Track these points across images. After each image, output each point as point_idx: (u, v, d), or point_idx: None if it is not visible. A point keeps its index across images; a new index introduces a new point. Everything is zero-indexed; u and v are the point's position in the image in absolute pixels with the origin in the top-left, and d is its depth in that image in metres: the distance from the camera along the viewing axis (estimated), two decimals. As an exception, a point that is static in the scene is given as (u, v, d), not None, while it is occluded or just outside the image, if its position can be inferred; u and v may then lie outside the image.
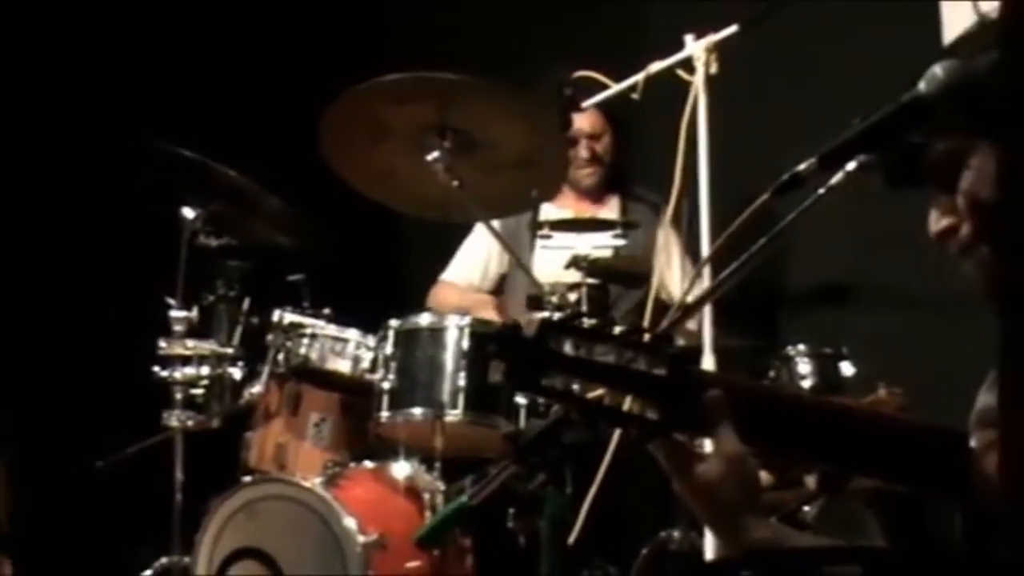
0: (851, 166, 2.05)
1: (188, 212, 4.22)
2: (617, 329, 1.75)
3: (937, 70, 1.92)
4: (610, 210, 4.81)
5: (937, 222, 1.82)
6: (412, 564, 3.82)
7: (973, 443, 1.75)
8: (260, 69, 5.13)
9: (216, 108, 4.84)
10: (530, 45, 5.27)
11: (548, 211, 4.73)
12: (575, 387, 1.75)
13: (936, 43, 4.51)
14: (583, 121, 4.66)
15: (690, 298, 3.42)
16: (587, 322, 1.75)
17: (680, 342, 1.76)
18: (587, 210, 4.80)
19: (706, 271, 3.15)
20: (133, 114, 4.64)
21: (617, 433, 3.57)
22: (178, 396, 4.13)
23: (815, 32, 4.83)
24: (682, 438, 1.75)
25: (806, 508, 3.64)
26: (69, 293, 4.73)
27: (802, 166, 2.10)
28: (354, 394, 4.15)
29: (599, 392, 1.75)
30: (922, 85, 1.92)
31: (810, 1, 4.78)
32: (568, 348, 1.75)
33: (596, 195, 4.87)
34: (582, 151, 4.76)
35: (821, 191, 2.11)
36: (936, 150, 1.81)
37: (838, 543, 1.79)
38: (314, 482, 3.84)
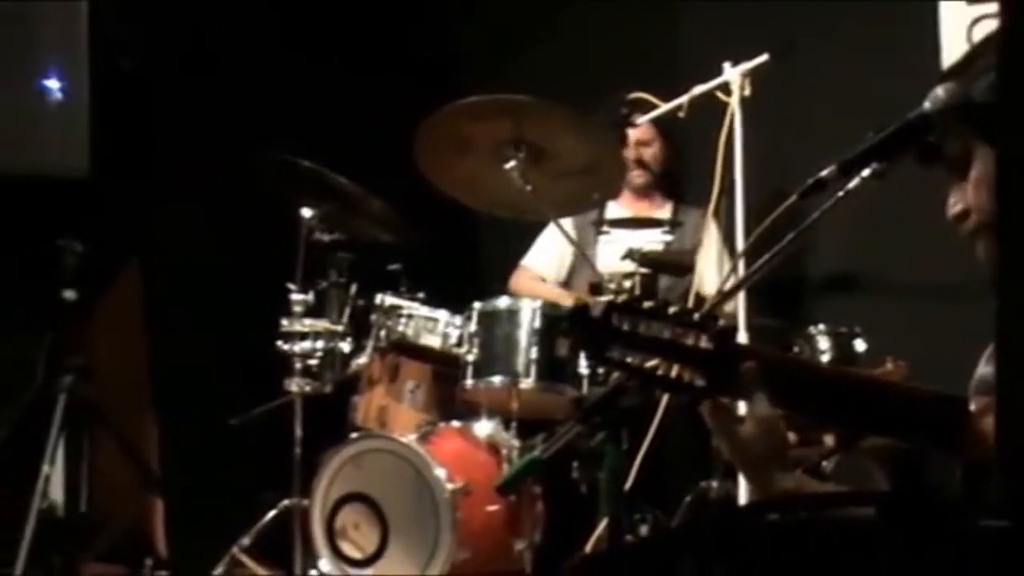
0: (866, 172, 2.03)
1: (306, 212, 4.25)
2: (671, 309, 1.75)
3: (939, 91, 1.91)
4: (664, 212, 4.78)
5: (953, 206, 1.81)
6: (492, 508, 3.82)
7: (972, 407, 1.74)
8: (367, 96, 5.14)
9: (332, 129, 4.87)
10: (587, 70, 5.25)
11: (611, 210, 4.71)
12: (633, 359, 1.76)
13: (936, 68, 4.47)
14: (636, 130, 4.65)
15: (728, 285, 3.41)
16: (645, 303, 1.75)
17: (721, 322, 1.75)
18: (644, 210, 4.76)
19: (741, 262, 3.14)
20: (267, 134, 4.68)
21: (665, 399, 3.57)
22: (297, 366, 4.16)
23: (833, 59, 4.78)
24: (725, 401, 1.76)
25: (825, 463, 3.61)
26: (212, 280, 4.76)
27: (824, 172, 2.09)
28: (443, 365, 4.15)
29: (653, 363, 1.76)
30: (927, 103, 1.90)
31: (830, 34, 4.77)
32: (628, 325, 1.75)
33: (651, 197, 4.82)
34: (631, 155, 4.73)
35: (840, 194, 2.09)
36: (950, 143, 1.80)
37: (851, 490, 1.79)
38: (410, 438, 3.85)
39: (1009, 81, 0.99)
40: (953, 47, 4.52)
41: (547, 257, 4.79)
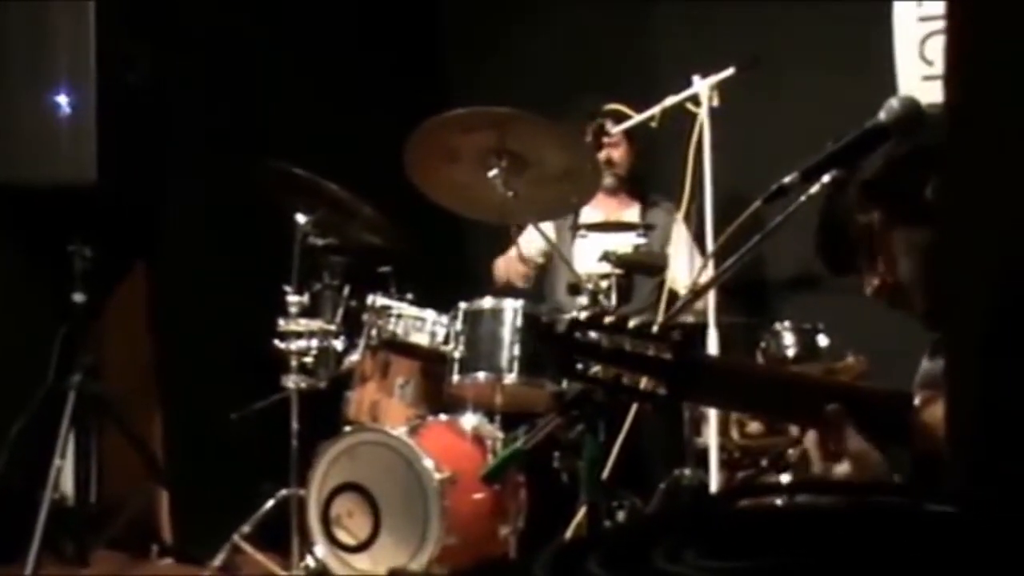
0: (826, 178, 2.04)
1: (301, 218, 4.24)
2: (632, 322, 1.74)
3: (894, 102, 1.92)
4: (632, 213, 4.78)
5: (869, 285, 1.85)
6: (478, 496, 3.82)
7: (916, 400, 1.74)
8: (358, 107, 5.14)
9: (326, 139, 4.86)
10: (566, 81, 5.25)
11: (584, 212, 4.69)
12: (599, 369, 1.76)
13: (891, 82, 4.50)
14: (591, 135, 4.62)
15: (699, 284, 3.41)
16: (608, 317, 1.75)
17: (690, 320, 1.75)
18: (614, 209, 4.75)
19: (710, 263, 3.14)
20: (265, 144, 4.67)
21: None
22: (293, 363, 4.15)
23: (795, 72, 4.80)
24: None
25: (790, 451, 3.63)
26: (214, 282, 4.75)
27: (787, 179, 2.10)
28: (431, 361, 4.14)
29: (617, 373, 1.75)
30: (881, 114, 1.92)
31: (792, 49, 4.78)
32: (592, 338, 1.75)
33: (619, 196, 4.80)
34: (601, 156, 4.71)
35: (803, 198, 2.10)
36: (854, 229, 1.84)
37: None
38: (400, 431, 3.85)
39: (955, 99, 1.00)
40: (907, 61, 4.55)
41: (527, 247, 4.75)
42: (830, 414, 1.71)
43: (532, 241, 4.66)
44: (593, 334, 1.74)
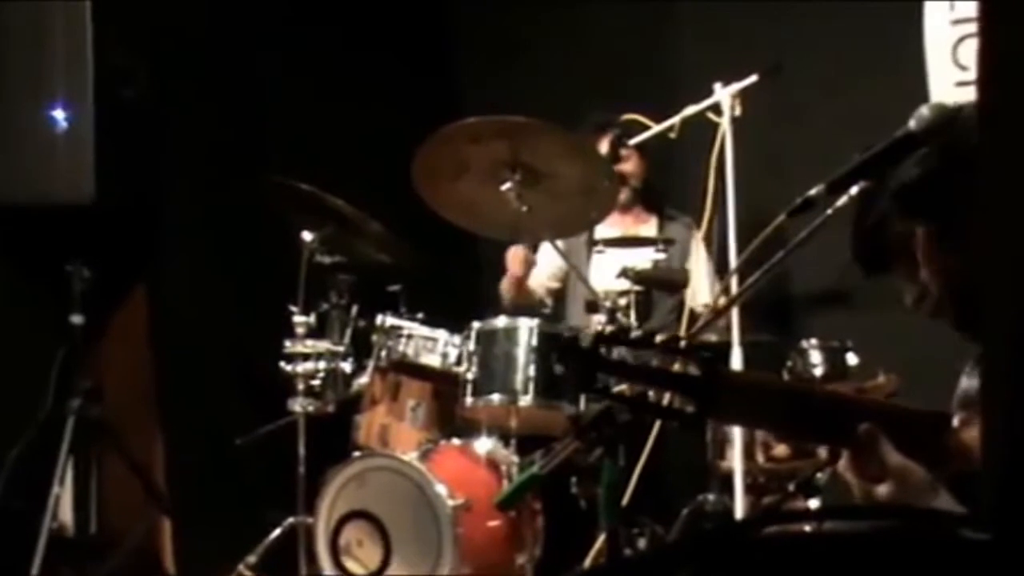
0: (854, 190, 2.03)
1: (307, 235, 4.25)
2: (658, 337, 1.74)
3: (924, 110, 1.92)
4: (649, 228, 4.78)
5: (909, 295, 1.84)
6: (492, 523, 3.81)
7: (955, 421, 1.74)
8: (365, 118, 5.15)
9: (331, 153, 4.88)
10: (580, 89, 5.26)
11: (599, 228, 4.69)
12: (623, 387, 1.76)
13: (922, 89, 4.49)
14: (607, 148, 4.55)
15: (721, 302, 3.41)
16: (633, 332, 1.75)
17: (713, 338, 1.75)
18: (630, 225, 4.75)
19: (734, 279, 3.14)
20: (269, 159, 4.70)
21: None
22: (300, 386, 4.15)
23: (820, 80, 4.79)
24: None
25: (819, 475, 3.61)
26: (216, 302, 4.76)
27: (813, 191, 2.10)
28: (443, 383, 4.14)
29: (642, 390, 1.75)
30: (912, 123, 1.91)
31: (818, 56, 4.78)
32: (617, 354, 1.75)
33: (634, 211, 4.80)
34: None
35: (829, 211, 2.09)
36: (890, 238, 1.84)
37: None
38: (411, 456, 3.85)
39: (990, 103, 0.99)
40: (939, 66, 4.54)
41: (543, 268, 4.75)
42: (863, 434, 1.70)
43: (545, 262, 4.67)
44: (617, 350, 1.74)
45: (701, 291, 4.47)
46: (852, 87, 4.70)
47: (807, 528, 1.42)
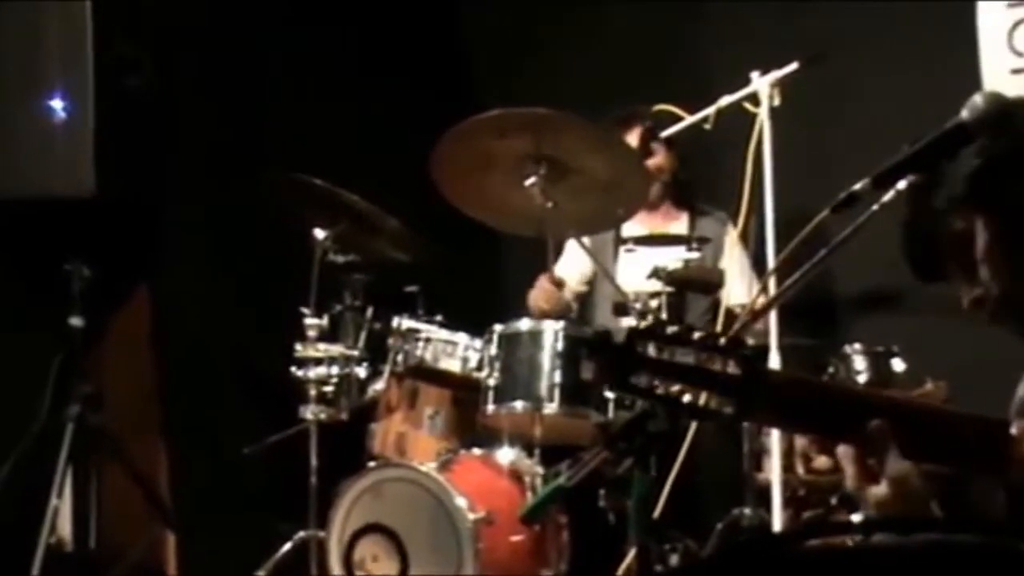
0: (901, 184, 2.03)
1: (319, 233, 4.26)
2: (696, 334, 1.74)
3: (978, 99, 1.91)
4: (680, 225, 4.77)
5: (968, 296, 1.84)
6: (516, 538, 3.82)
7: (1013, 429, 1.73)
8: (380, 110, 5.17)
9: (345, 145, 4.89)
10: (608, 79, 5.25)
11: (625, 226, 4.69)
12: (658, 386, 1.76)
13: (974, 77, 4.47)
14: (636, 141, 4.53)
15: (759, 303, 3.41)
16: (669, 328, 1.75)
17: (750, 342, 1.75)
18: (659, 224, 4.74)
19: (772, 280, 3.14)
20: (278, 151, 4.71)
21: (695, 424, 3.56)
22: (312, 393, 4.17)
23: (865, 67, 4.78)
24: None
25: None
26: (223, 304, 4.78)
27: (858, 186, 2.09)
28: (463, 390, 4.15)
29: (679, 389, 1.75)
30: (964, 112, 1.91)
31: (861, 41, 4.77)
32: (652, 351, 1.75)
33: (664, 208, 4.80)
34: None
35: (875, 207, 2.09)
36: (947, 237, 1.83)
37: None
38: (429, 467, 3.85)
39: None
40: (992, 53, 4.52)
41: (568, 270, 4.76)
42: (873, 430, 1.70)
43: (571, 265, 4.67)
44: (652, 347, 1.75)
45: (736, 292, 4.46)
46: (899, 75, 4.69)
47: (849, 541, 1.42)
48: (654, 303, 3.94)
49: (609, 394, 3.91)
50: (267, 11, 4.97)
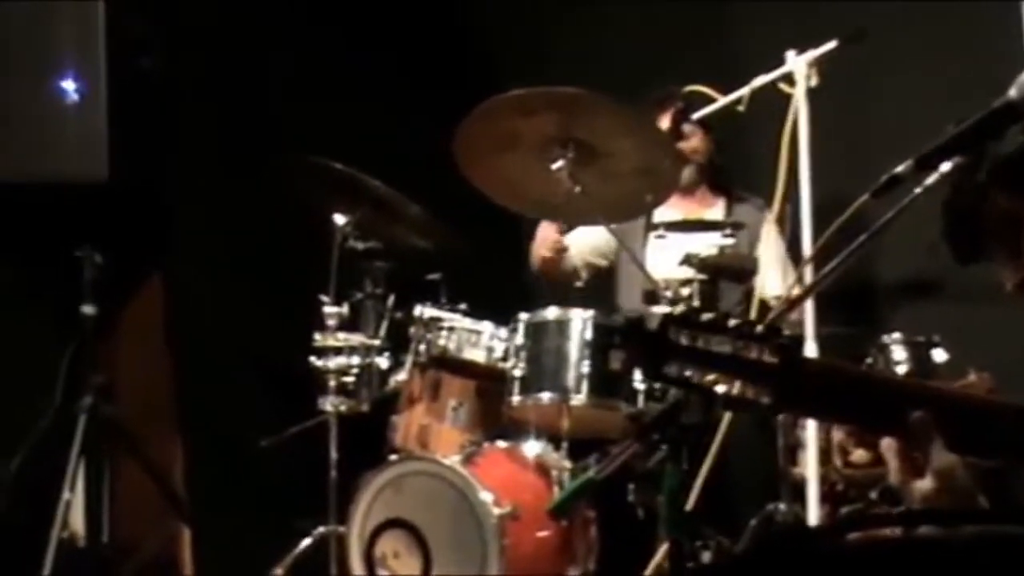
0: (946, 167, 2.02)
1: (339, 219, 4.27)
2: (732, 322, 1.75)
3: (1025, 77, 1.90)
4: (716, 211, 4.77)
5: (1011, 280, 1.83)
6: (542, 533, 3.83)
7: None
8: (402, 92, 5.18)
9: (366, 129, 4.89)
10: (637, 61, 5.24)
11: (659, 210, 4.68)
12: (692, 375, 1.76)
13: (1021, 54, 4.44)
14: (667, 124, 4.52)
15: (795, 292, 3.40)
16: (704, 315, 1.75)
17: (786, 331, 1.75)
18: (693, 210, 4.74)
19: (809, 267, 3.13)
20: (297, 135, 4.72)
21: (728, 415, 3.57)
22: (331, 383, 4.19)
23: (907, 45, 4.76)
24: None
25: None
26: (240, 292, 4.80)
27: (900, 168, 2.08)
28: (488, 380, 4.16)
29: (713, 378, 1.75)
30: (1012, 91, 1.90)
31: (902, 19, 4.74)
32: (686, 339, 1.75)
33: (698, 193, 4.80)
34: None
35: (918, 191, 2.08)
36: (991, 216, 1.82)
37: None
38: (453, 460, 3.87)
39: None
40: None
41: (592, 237, 4.73)
42: (915, 422, 1.70)
43: (591, 233, 4.65)
44: (685, 334, 1.75)
45: (772, 279, 4.46)
46: (942, 53, 4.66)
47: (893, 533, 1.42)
48: (685, 291, 3.94)
49: (639, 385, 3.91)
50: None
